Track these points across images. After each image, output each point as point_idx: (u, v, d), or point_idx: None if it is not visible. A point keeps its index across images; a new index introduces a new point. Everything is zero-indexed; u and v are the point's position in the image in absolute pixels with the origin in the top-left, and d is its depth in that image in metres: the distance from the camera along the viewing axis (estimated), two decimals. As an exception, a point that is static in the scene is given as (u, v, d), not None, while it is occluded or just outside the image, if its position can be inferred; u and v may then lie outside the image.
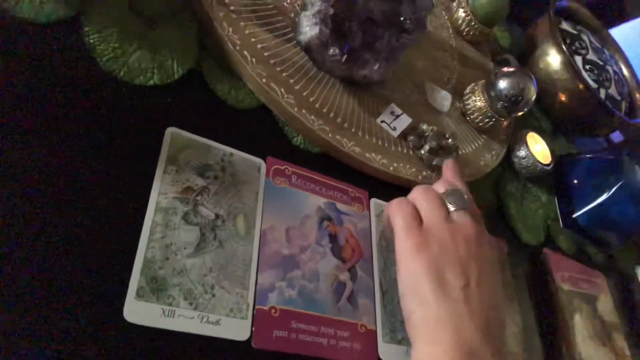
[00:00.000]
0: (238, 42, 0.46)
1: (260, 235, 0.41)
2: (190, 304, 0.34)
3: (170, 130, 0.40)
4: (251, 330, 0.36)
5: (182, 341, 0.33)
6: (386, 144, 0.53)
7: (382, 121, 0.54)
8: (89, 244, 0.32)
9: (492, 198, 0.66)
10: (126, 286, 0.33)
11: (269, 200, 0.43)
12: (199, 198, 0.39)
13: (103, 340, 0.30)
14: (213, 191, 0.40)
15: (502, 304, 0.43)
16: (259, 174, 0.43)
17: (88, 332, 0.30)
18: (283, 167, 0.45)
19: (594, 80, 0.81)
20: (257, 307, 0.38)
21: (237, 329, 0.36)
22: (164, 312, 0.33)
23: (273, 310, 0.38)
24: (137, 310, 0.32)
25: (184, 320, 0.34)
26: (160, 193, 0.37)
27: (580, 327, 0.62)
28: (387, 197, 0.52)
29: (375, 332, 0.43)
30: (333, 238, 0.45)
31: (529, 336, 0.57)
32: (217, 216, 0.39)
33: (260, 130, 0.46)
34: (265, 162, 0.44)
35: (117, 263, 0.33)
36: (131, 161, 0.37)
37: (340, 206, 0.48)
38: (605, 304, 0.70)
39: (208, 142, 0.41)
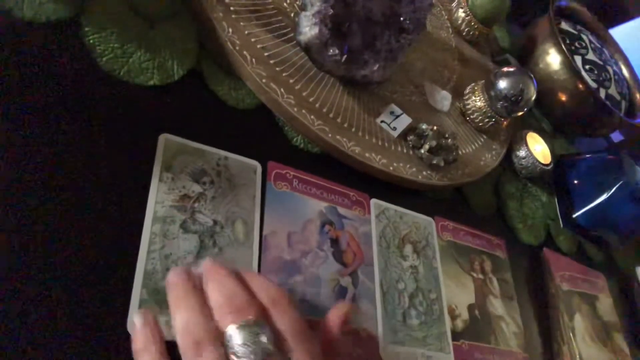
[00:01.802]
0: (238, 42, 0.45)
1: (260, 240, 0.40)
2: None
3: (164, 137, 0.39)
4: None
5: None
6: (386, 144, 0.53)
7: (382, 121, 0.54)
8: (90, 258, 0.32)
9: (492, 198, 0.66)
10: (128, 299, 0.32)
11: (270, 205, 0.43)
12: (196, 205, 0.38)
13: (107, 354, 0.30)
14: (210, 197, 0.39)
15: None
16: (255, 176, 0.43)
17: (92, 347, 0.30)
18: (284, 172, 0.45)
19: (594, 80, 0.81)
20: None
21: None
22: (167, 324, 0.33)
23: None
24: None
25: None
26: (157, 202, 0.36)
27: (580, 327, 0.62)
28: (387, 198, 0.52)
29: (378, 337, 0.43)
30: (334, 242, 0.45)
31: (529, 336, 0.58)
32: (215, 222, 0.39)
33: (260, 131, 0.46)
34: (262, 163, 0.44)
35: (118, 276, 0.33)
36: (129, 167, 0.37)
37: (342, 210, 0.47)
38: (605, 304, 0.70)
39: (202, 147, 0.41)
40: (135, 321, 0.29)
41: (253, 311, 0.28)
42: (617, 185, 0.71)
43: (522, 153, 0.70)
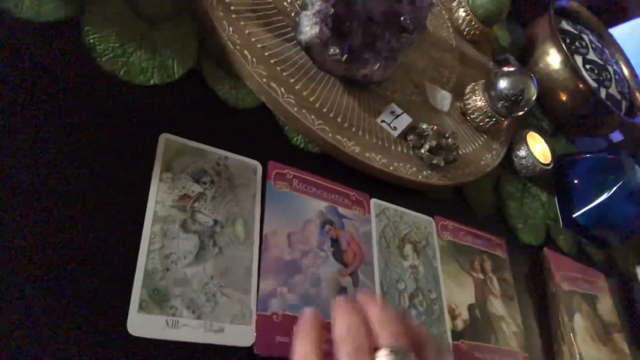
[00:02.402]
0: (238, 41, 0.45)
1: (260, 240, 0.40)
2: (193, 312, 0.34)
3: (165, 137, 0.39)
4: (255, 336, 0.36)
5: (187, 351, 0.33)
6: (386, 144, 0.53)
7: (382, 121, 0.54)
8: (90, 257, 0.32)
9: (492, 198, 0.66)
10: (128, 299, 0.32)
11: (270, 205, 0.43)
12: (196, 205, 0.38)
13: (108, 355, 0.30)
14: (210, 197, 0.39)
15: None
16: (255, 176, 0.43)
17: (93, 348, 0.30)
18: (284, 171, 0.45)
19: (594, 80, 0.81)
20: (258, 312, 0.37)
21: (241, 336, 0.36)
22: (167, 323, 0.33)
23: (275, 316, 0.38)
24: (141, 323, 0.32)
25: (188, 330, 0.34)
26: (157, 202, 0.36)
27: (580, 327, 0.62)
28: (388, 197, 0.52)
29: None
30: (335, 242, 0.45)
31: (529, 336, 0.58)
32: (215, 222, 0.39)
33: (260, 131, 0.46)
34: (263, 163, 0.44)
35: (118, 276, 0.33)
36: (129, 166, 0.37)
37: (342, 210, 0.47)
38: (605, 304, 0.70)
39: (202, 147, 0.41)
40: (304, 319, 0.32)
41: (407, 341, 0.30)
42: (617, 185, 0.71)
43: (522, 153, 0.70)
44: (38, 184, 0.32)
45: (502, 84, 0.61)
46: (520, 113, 0.63)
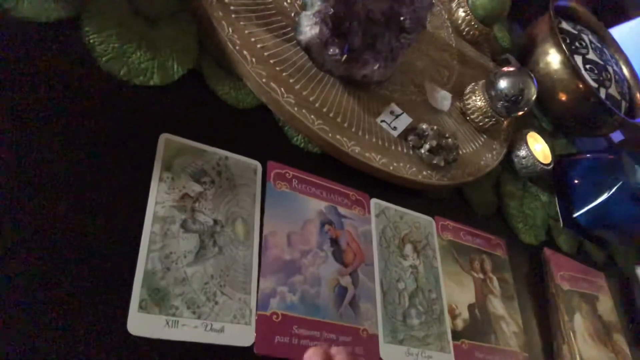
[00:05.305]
0: (238, 42, 0.45)
1: (260, 240, 0.40)
2: (194, 312, 0.34)
3: (165, 137, 0.39)
4: (255, 336, 0.36)
5: (187, 351, 0.33)
6: (386, 144, 0.53)
7: (382, 121, 0.54)
8: (89, 258, 0.32)
9: (492, 198, 0.66)
10: (128, 299, 0.32)
11: (270, 205, 0.43)
12: (196, 204, 0.38)
13: (108, 355, 0.30)
14: (210, 196, 0.39)
15: None
16: (255, 176, 0.43)
17: (93, 348, 0.30)
18: (284, 171, 0.45)
19: (594, 80, 0.81)
20: (258, 312, 0.37)
21: (241, 335, 0.36)
22: (167, 323, 0.33)
23: (275, 316, 0.38)
24: (141, 323, 0.32)
25: (188, 330, 0.34)
26: (157, 202, 0.36)
27: (580, 327, 0.62)
28: (387, 197, 0.52)
29: (377, 335, 0.43)
30: (334, 242, 0.45)
31: (529, 336, 0.57)
32: (215, 222, 0.39)
33: (260, 131, 0.46)
34: (263, 163, 0.44)
35: (118, 276, 0.33)
36: (130, 166, 0.37)
37: (342, 210, 0.47)
38: (605, 304, 0.70)
39: (202, 147, 0.41)
40: None
41: None
42: (617, 185, 0.71)
43: (522, 153, 0.70)
44: (37, 184, 0.32)
45: (502, 84, 0.61)
46: (520, 113, 0.63)
